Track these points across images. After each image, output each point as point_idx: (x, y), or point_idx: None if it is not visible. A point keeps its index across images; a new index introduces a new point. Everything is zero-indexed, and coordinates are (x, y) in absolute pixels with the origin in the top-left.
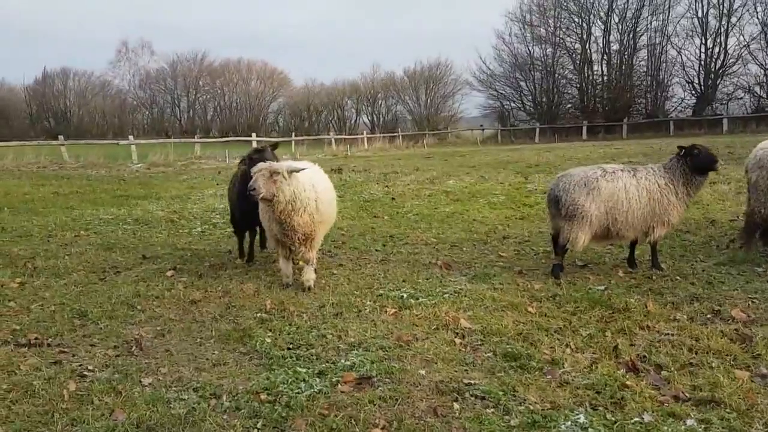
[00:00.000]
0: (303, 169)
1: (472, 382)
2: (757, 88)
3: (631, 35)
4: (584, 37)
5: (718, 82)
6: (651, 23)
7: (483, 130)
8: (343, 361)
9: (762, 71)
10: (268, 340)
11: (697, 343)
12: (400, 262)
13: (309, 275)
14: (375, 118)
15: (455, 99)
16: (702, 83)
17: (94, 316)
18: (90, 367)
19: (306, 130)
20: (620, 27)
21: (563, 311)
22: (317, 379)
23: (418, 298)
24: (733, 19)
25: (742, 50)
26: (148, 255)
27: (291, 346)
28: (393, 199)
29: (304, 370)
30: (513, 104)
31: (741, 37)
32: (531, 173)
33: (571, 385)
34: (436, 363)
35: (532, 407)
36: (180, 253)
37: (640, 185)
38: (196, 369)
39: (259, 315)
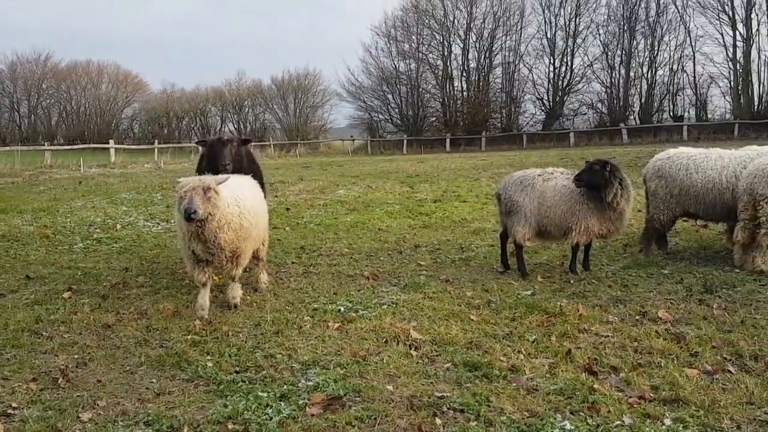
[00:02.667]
0: (224, 180)
1: (445, 395)
2: (599, 105)
3: (487, 54)
4: (445, 54)
5: (565, 98)
6: (505, 43)
7: (353, 140)
8: (303, 381)
9: (603, 89)
10: (210, 364)
11: (638, 344)
12: (323, 274)
13: (235, 292)
14: (242, 126)
15: (324, 109)
16: (551, 100)
17: None
18: (13, 404)
19: (165, 137)
20: (477, 46)
21: (503, 317)
22: (282, 403)
23: (357, 311)
24: (579, 41)
25: (586, 69)
26: (31, 275)
27: (238, 369)
28: (288, 209)
29: (265, 395)
30: (381, 116)
31: (585, 57)
32: (415, 183)
33: (541, 392)
34: (399, 377)
35: (513, 417)
36: (68, 272)
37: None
38: (139, 400)
39: (189, 337)
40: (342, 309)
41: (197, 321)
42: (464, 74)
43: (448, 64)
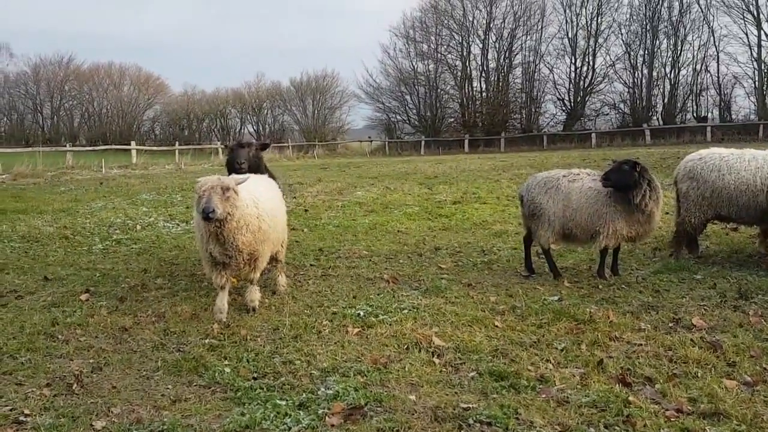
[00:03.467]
0: (244, 180)
1: (470, 406)
2: (621, 105)
3: (507, 54)
4: (464, 54)
5: (586, 99)
6: (525, 43)
7: (371, 141)
8: (323, 389)
9: (626, 89)
10: (228, 370)
11: (673, 353)
12: (342, 276)
13: (254, 295)
14: (261, 128)
15: (342, 110)
16: (572, 100)
17: (10, 349)
18: (26, 411)
19: (186, 138)
20: (497, 46)
21: (529, 324)
22: (301, 413)
23: (377, 315)
24: (600, 40)
25: (608, 69)
26: (50, 276)
27: (256, 376)
28: (306, 210)
29: (284, 403)
30: (399, 117)
31: (607, 56)
32: (434, 184)
33: (572, 404)
34: (422, 386)
35: (543, 431)
36: (86, 274)
37: None
38: (154, 407)
39: (206, 341)
40: (362, 313)
41: (215, 324)
42: (483, 75)
43: (467, 64)
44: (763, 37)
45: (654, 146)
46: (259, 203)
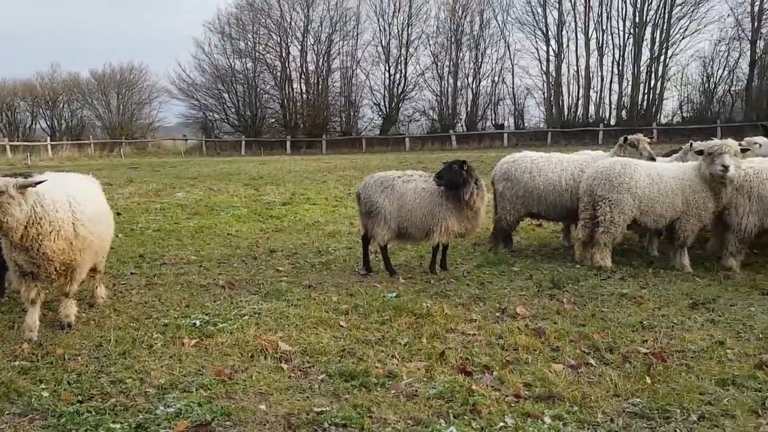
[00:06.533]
0: (40, 181)
1: (324, 409)
2: (431, 112)
3: (325, 57)
4: (283, 55)
5: (400, 105)
6: (343, 48)
7: (186, 140)
8: (162, 408)
9: (434, 97)
10: (46, 394)
11: (504, 341)
12: (170, 284)
13: (69, 309)
14: (56, 123)
15: (153, 106)
16: (387, 105)
17: None
18: None
19: None
20: (316, 49)
21: (372, 322)
22: None
23: (216, 324)
24: (411, 50)
25: (419, 78)
26: None
27: (81, 399)
28: (119, 214)
29: (118, 426)
30: (217, 115)
31: (417, 66)
32: (260, 185)
33: (421, 397)
34: (271, 395)
35: (397, 426)
36: None
37: None
38: None
39: (16, 363)
40: (198, 323)
41: (25, 344)
42: (303, 76)
43: (287, 65)
44: (551, 52)
45: (459, 150)
46: (78, 206)
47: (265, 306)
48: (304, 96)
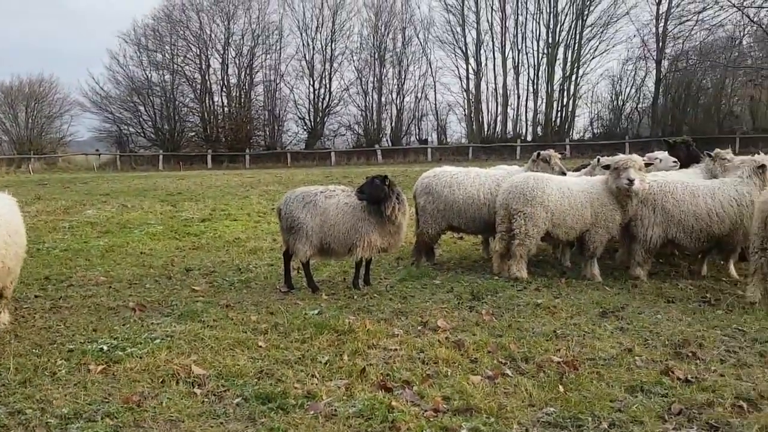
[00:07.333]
0: None
1: None
2: (356, 127)
3: (248, 70)
4: (203, 67)
5: (325, 119)
6: (265, 61)
7: (99, 155)
8: None
9: (359, 112)
10: None
11: (425, 355)
12: (77, 308)
13: None
14: None
15: (64, 120)
16: (312, 120)
17: None
18: None
19: None
20: (237, 62)
21: (293, 340)
22: None
23: (125, 349)
24: (335, 65)
25: (343, 93)
26: None
27: None
28: None
29: None
30: (132, 129)
31: (342, 81)
32: (178, 201)
33: (340, 416)
34: (183, 421)
35: None
36: None
37: None
38: None
39: None
40: (105, 348)
41: None
42: (225, 89)
43: (207, 78)
44: (471, 70)
45: (385, 165)
46: None
47: (179, 328)
48: (226, 109)
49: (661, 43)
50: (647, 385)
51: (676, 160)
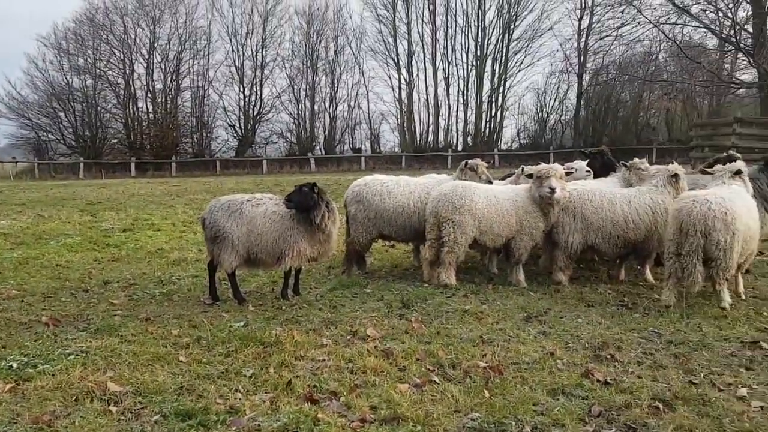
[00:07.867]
0: None
1: None
2: (288, 135)
3: (174, 76)
4: (127, 72)
5: (256, 127)
6: (193, 67)
7: (16, 163)
8: None
9: (292, 120)
10: None
11: (353, 365)
12: None
13: None
14: None
15: None
16: (243, 127)
17: None
18: None
19: None
20: (163, 67)
21: (216, 354)
22: None
23: (36, 366)
24: (267, 72)
25: (275, 100)
26: None
27: None
28: None
29: None
30: (51, 136)
31: (274, 88)
32: (98, 211)
33: (264, 431)
34: None
35: None
36: None
37: None
38: None
39: None
40: (15, 365)
41: None
42: (150, 95)
43: (131, 83)
44: (403, 80)
45: (318, 173)
46: None
47: (95, 343)
48: (151, 116)
49: (582, 58)
50: (568, 388)
51: (590, 169)
